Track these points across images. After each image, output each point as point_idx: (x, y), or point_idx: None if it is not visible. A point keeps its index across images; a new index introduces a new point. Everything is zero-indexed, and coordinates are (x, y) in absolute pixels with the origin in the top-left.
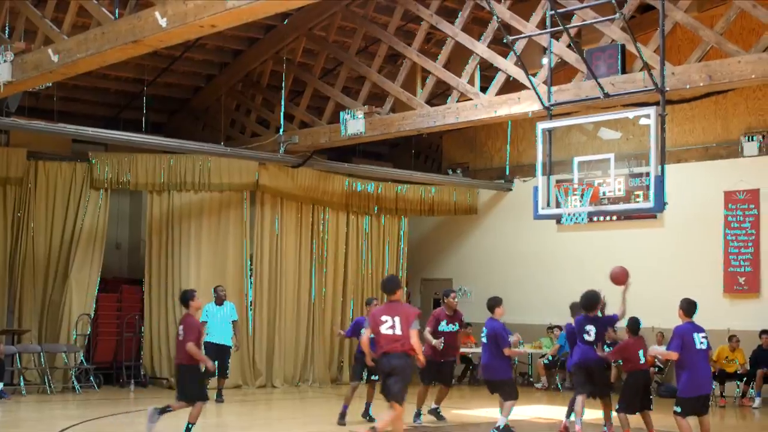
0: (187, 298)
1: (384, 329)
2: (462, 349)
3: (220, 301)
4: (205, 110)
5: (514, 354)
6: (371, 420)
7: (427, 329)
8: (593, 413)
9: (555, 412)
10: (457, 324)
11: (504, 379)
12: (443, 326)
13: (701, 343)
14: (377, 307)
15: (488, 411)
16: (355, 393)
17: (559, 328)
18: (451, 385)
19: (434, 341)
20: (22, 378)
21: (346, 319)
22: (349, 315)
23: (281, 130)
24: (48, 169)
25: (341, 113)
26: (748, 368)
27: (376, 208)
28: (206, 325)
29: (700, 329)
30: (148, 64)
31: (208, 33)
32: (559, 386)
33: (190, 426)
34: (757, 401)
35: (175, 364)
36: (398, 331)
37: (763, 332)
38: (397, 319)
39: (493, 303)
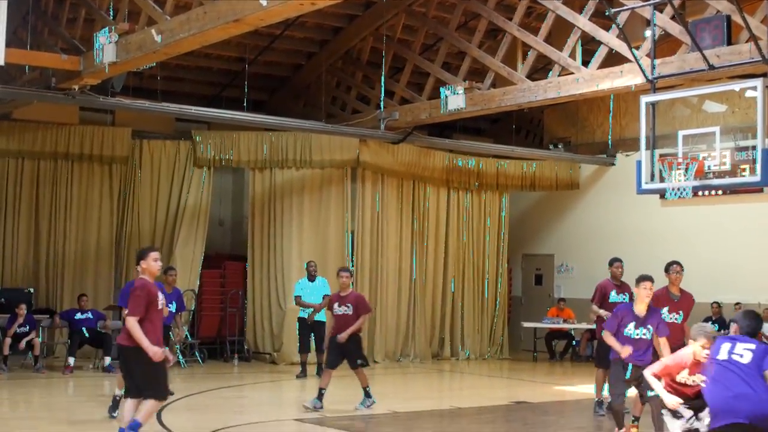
0: None
1: None
2: (564, 325)
3: (311, 276)
4: (306, 88)
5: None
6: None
7: (593, 305)
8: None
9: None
10: (627, 294)
11: None
12: (613, 297)
13: None
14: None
15: (588, 387)
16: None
17: None
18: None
19: (603, 313)
20: None
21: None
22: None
23: (381, 107)
24: (152, 148)
25: (441, 89)
26: None
27: (476, 184)
28: (300, 299)
29: None
30: (249, 42)
31: (308, 11)
32: None
33: None
34: None
35: None
36: None
37: None
38: None
39: None
